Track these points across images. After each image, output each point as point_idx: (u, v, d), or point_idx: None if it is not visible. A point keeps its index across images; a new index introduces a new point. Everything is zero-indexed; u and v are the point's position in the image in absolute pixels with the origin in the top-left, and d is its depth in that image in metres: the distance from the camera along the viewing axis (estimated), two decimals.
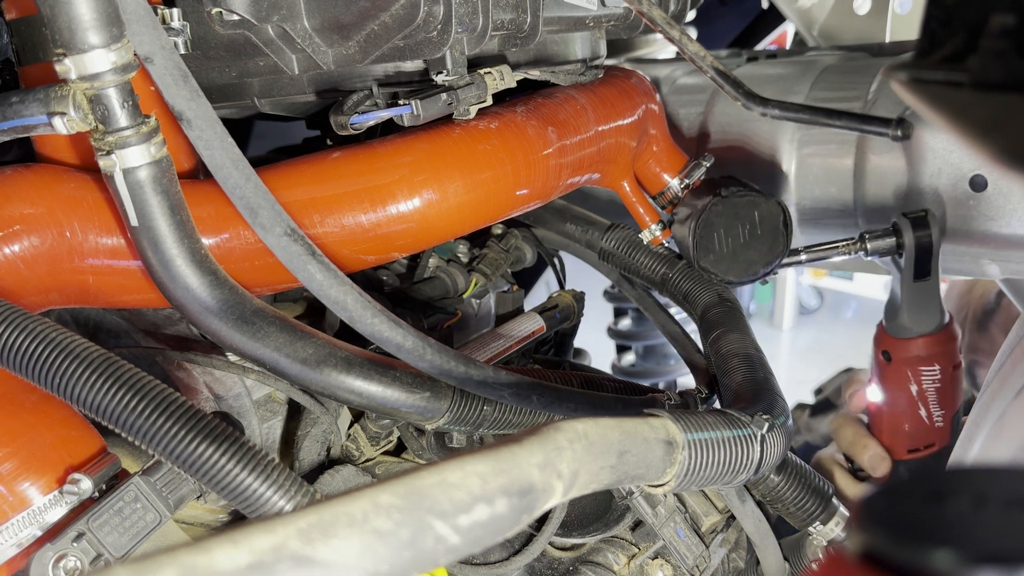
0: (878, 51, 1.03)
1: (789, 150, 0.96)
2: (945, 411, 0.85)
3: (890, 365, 0.85)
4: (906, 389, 0.85)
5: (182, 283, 0.55)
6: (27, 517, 0.52)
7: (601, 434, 0.41)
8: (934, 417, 0.85)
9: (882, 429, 0.89)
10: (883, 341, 0.85)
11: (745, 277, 0.79)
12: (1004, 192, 0.80)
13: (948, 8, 0.37)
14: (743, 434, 0.55)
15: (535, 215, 1.02)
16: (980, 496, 0.23)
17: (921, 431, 0.86)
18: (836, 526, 0.73)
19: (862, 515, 0.23)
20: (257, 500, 0.51)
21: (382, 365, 0.60)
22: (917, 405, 0.85)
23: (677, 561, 0.72)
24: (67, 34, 0.48)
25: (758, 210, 0.77)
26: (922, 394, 0.84)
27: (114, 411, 0.51)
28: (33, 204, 0.58)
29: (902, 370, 0.84)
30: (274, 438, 0.77)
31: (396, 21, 0.59)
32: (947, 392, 0.84)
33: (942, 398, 0.84)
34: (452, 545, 0.31)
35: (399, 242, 0.65)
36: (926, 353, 0.83)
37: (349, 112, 0.63)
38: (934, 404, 0.85)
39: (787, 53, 1.15)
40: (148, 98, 0.56)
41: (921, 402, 0.84)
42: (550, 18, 0.69)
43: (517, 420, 0.67)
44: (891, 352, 0.84)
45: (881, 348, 0.85)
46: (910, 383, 0.84)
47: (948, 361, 0.84)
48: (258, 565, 0.26)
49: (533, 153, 0.67)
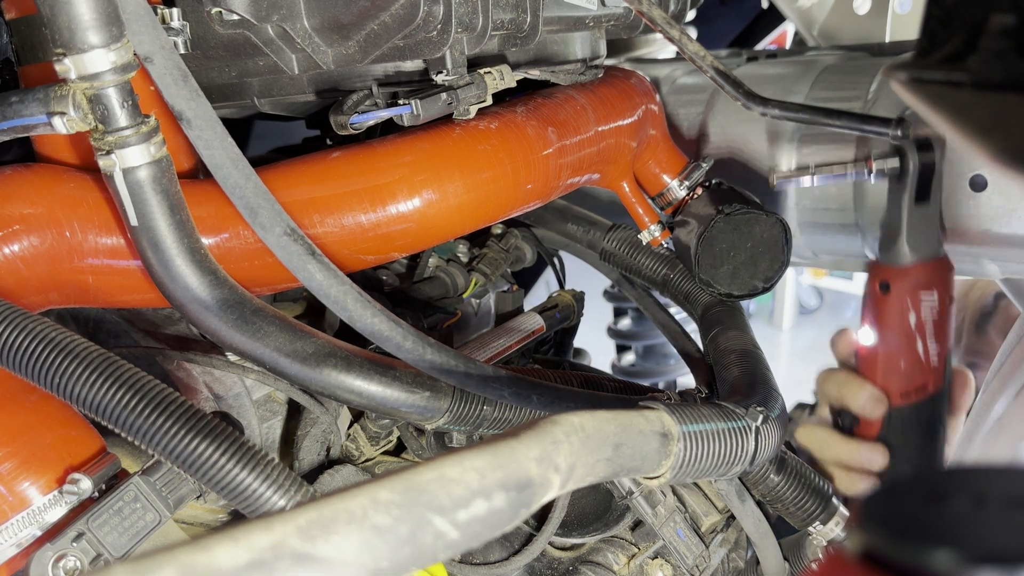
0: (878, 51, 1.03)
1: (789, 150, 0.96)
2: (940, 348, 0.83)
3: (888, 296, 0.82)
4: (904, 321, 0.82)
5: (182, 283, 0.55)
6: (27, 517, 0.52)
7: (597, 427, 0.41)
8: (931, 353, 0.83)
9: (875, 371, 0.85)
10: (880, 272, 0.83)
11: (745, 292, 0.80)
12: (1004, 192, 0.80)
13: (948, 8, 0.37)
14: (738, 426, 0.55)
15: (536, 215, 1.02)
16: (980, 496, 0.23)
17: (917, 369, 0.83)
18: (836, 526, 0.73)
19: (862, 515, 0.23)
20: (257, 500, 0.51)
21: (382, 365, 0.60)
22: (915, 339, 0.82)
23: (677, 561, 0.72)
24: (67, 34, 0.48)
25: (759, 227, 0.78)
26: (920, 326, 0.82)
27: (114, 411, 0.51)
28: (33, 204, 0.58)
29: (902, 299, 0.81)
30: (274, 438, 0.77)
31: (396, 21, 0.59)
32: (943, 325, 0.82)
33: (939, 331, 0.82)
34: (451, 540, 0.31)
35: (399, 242, 0.65)
36: (926, 279, 0.81)
37: (349, 112, 0.63)
38: (931, 338, 0.82)
39: (787, 53, 1.15)
40: (148, 98, 0.56)
41: (919, 335, 0.82)
42: (550, 18, 0.69)
43: (517, 420, 0.67)
44: (890, 281, 0.82)
45: (878, 280, 0.83)
46: (909, 312, 0.81)
47: (945, 290, 0.82)
48: (258, 563, 0.26)
49: (533, 153, 0.67)
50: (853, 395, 0.86)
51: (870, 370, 0.86)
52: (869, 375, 0.86)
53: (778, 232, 0.78)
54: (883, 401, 0.85)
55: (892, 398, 0.85)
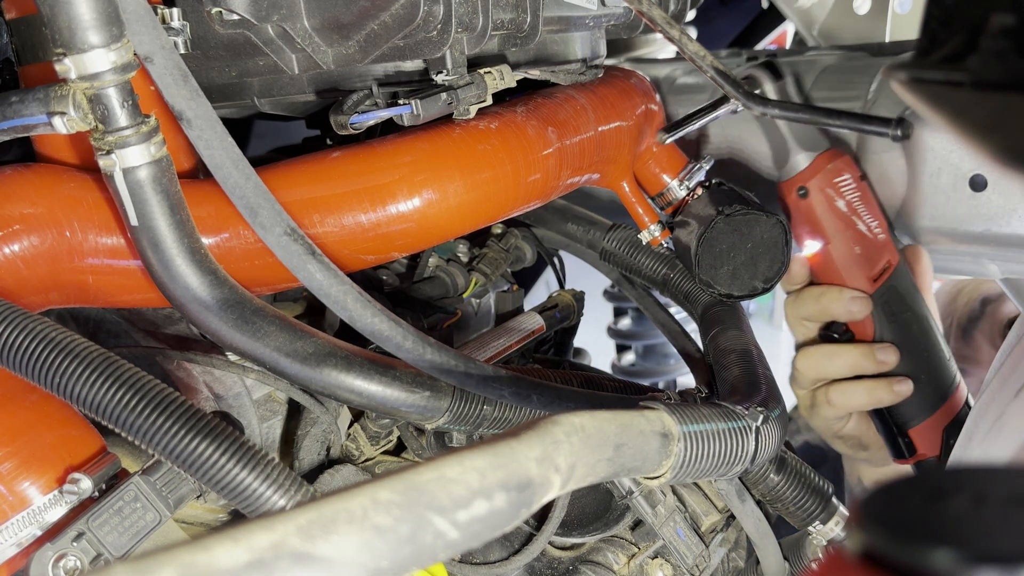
0: (878, 51, 1.03)
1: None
2: (878, 221, 0.84)
3: (808, 199, 0.84)
4: (835, 209, 0.84)
5: (182, 282, 0.55)
6: (27, 517, 0.52)
7: (597, 427, 0.41)
8: (873, 229, 0.84)
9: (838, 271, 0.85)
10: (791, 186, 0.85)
11: (745, 292, 0.80)
12: (1004, 192, 0.80)
13: (948, 8, 0.37)
14: (738, 426, 0.55)
15: (536, 215, 1.02)
16: (980, 495, 0.23)
17: (871, 248, 0.85)
18: (836, 525, 0.73)
19: (862, 514, 0.23)
20: (257, 499, 0.51)
21: (382, 365, 0.60)
22: (853, 220, 0.84)
23: (677, 561, 0.72)
24: (67, 34, 0.48)
25: (760, 227, 0.78)
26: (850, 206, 0.84)
27: (114, 410, 0.51)
28: (33, 204, 0.58)
29: (823, 192, 0.83)
30: (274, 438, 0.77)
31: (396, 21, 0.59)
32: (868, 199, 0.84)
33: (868, 205, 0.84)
34: (451, 540, 0.31)
35: (399, 242, 0.65)
36: (830, 165, 0.83)
37: (349, 112, 0.63)
38: (865, 214, 0.84)
39: (787, 53, 1.15)
40: (148, 98, 0.56)
41: (854, 214, 0.84)
42: (550, 18, 0.69)
43: (517, 420, 0.67)
44: (803, 184, 0.84)
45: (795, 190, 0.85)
46: (836, 200, 0.83)
47: (852, 170, 0.84)
48: (258, 562, 0.26)
49: (533, 153, 0.67)
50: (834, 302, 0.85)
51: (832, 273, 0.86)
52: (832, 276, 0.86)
53: (778, 233, 0.79)
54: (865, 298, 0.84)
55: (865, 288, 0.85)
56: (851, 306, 0.84)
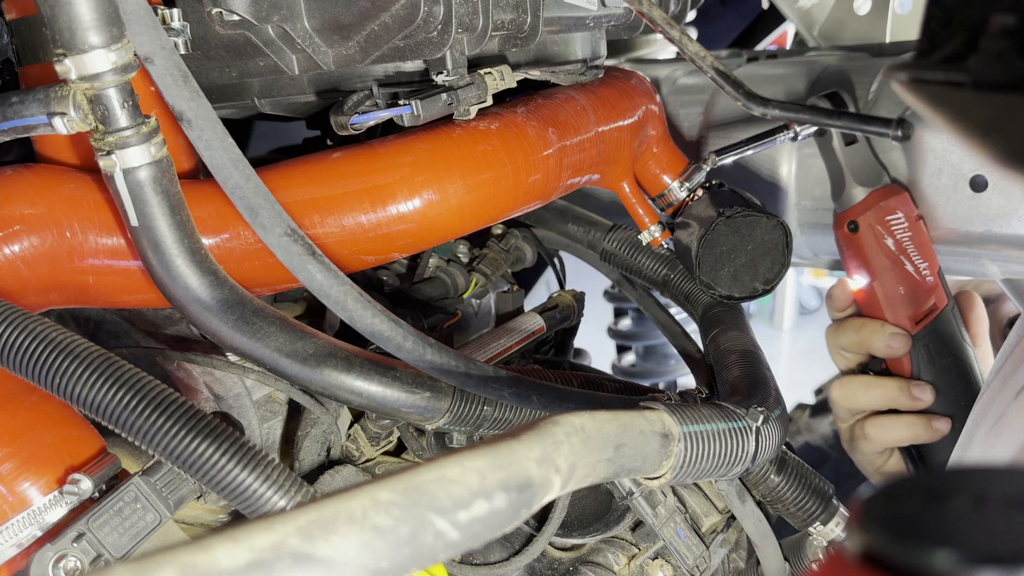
0: (878, 51, 1.03)
1: (789, 150, 0.96)
2: (928, 263, 0.84)
3: (859, 233, 0.84)
4: (885, 248, 0.84)
5: (182, 283, 0.55)
6: (27, 517, 0.52)
7: (598, 427, 0.41)
8: (921, 270, 0.84)
9: (881, 309, 0.86)
10: (843, 219, 0.86)
11: (745, 294, 0.80)
12: (1004, 192, 0.80)
13: (948, 8, 0.37)
14: (739, 426, 0.55)
15: (536, 215, 1.02)
16: (980, 496, 0.23)
17: (917, 289, 0.84)
18: (836, 526, 0.73)
19: (862, 515, 0.23)
20: (257, 500, 0.51)
21: (382, 365, 0.60)
22: (901, 260, 0.84)
23: (677, 561, 0.72)
24: (67, 34, 0.48)
25: (760, 229, 0.78)
26: (899, 245, 0.84)
27: (114, 411, 0.51)
28: (33, 204, 0.58)
29: (874, 229, 0.84)
30: (274, 438, 0.77)
31: (396, 21, 0.59)
32: (921, 240, 0.84)
33: (919, 247, 0.84)
34: (451, 541, 0.31)
35: (399, 242, 0.65)
36: (885, 203, 0.83)
37: (349, 112, 0.63)
38: (915, 255, 0.84)
39: (787, 53, 1.15)
40: (148, 98, 0.56)
41: (902, 255, 0.84)
42: (550, 18, 0.69)
43: (517, 420, 0.67)
44: (854, 219, 0.85)
45: (844, 224, 0.85)
46: (885, 239, 0.83)
47: (908, 209, 0.84)
48: (258, 563, 0.26)
49: (534, 154, 0.67)
50: (873, 337, 0.84)
51: (875, 309, 0.86)
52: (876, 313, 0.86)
53: (779, 235, 0.79)
54: (904, 336, 0.84)
55: (907, 326, 0.85)
56: (891, 342, 0.84)
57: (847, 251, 0.87)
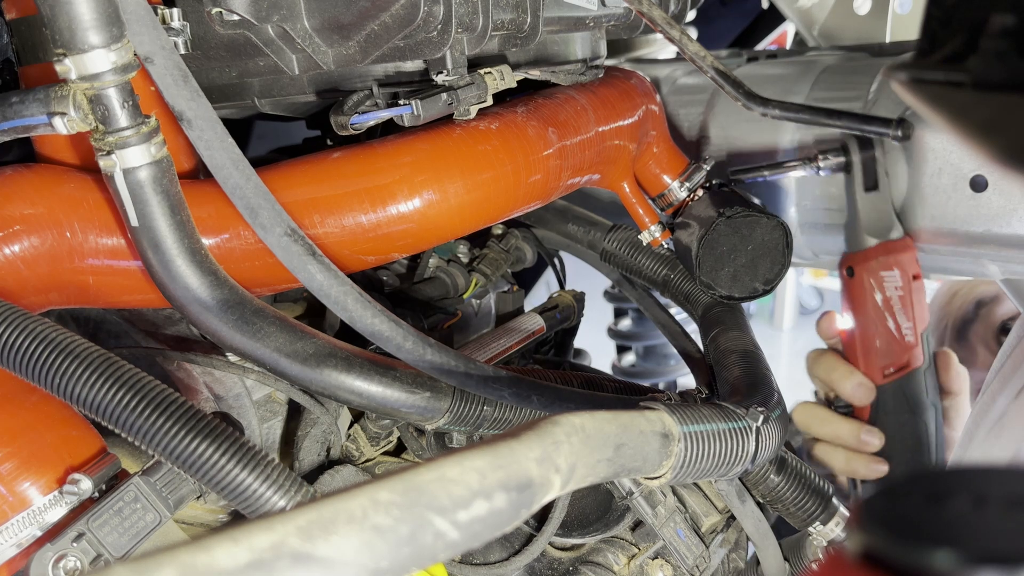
0: (878, 51, 1.03)
1: (789, 150, 0.96)
2: (912, 324, 0.87)
3: (854, 279, 0.87)
4: (872, 300, 0.86)
5: (182, 283, 0.55)
6: (27, 517, 0.52)
7: (598, 427, 0.41)
8: (903, 329, 0.87)
9: (857, 353, 0.90)
10: (845, 260, 0.89)
11: (745, 294, 0.81)
12: (1004, 192, 0.80)
13: (948, 8, 0.37)
14: (739, 426, 0.55)
15: (537, 215, 1.02)
16: (980, 496, 0.23)
17: (893, 346, 0.88)
18: (836, 526, 0.73)
19: (862, 515, 0.23)
20: (257, 500, 0.51)
21: (382, 365, 0.60)
22: (884, 316, 0.87)
23: (677, 561, 0.72)
24: (67, 34, 0.48)
25: (760, 229, 0.78)
26: (887, 303, 0.86)
27: (114, 411, 0.51)
28: (33, 204, 0.58)
29: (865, 280, 0.86)
30: (274, 438, 0.77)
31: (396, 21, 0.59)
32: (910, 302, 0.86)
33: (906, 307, 0.86)
34: (451, 540, 0.31)
35: (399, 242, 0.65)
36: (884, 258, 0.86)
37: (349, 112, 0.63)
38: (900, 315, 0.87)
39: (787, 53, 1.15)
40: (148, 98, 0.56)
41: (888, 312, 0.86)
42: (550, 18, 0.69)
43: (517, 420, 0.67)
44: (853, 265, 0.87)
45: (845, 266, 0.88)
46: (875, 292, 0.86)
47: (907, 268, 0.86)
48: (258, 563, 0.26)
49: (534, 154, 0.67)
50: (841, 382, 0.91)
51: (852, 353, 0.91)
52: (852, 358, 0.91)
53: (779, 235, 0.79)
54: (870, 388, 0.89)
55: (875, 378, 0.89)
56: (856, 391, 0.90)
57: (844, 291, 0.91)
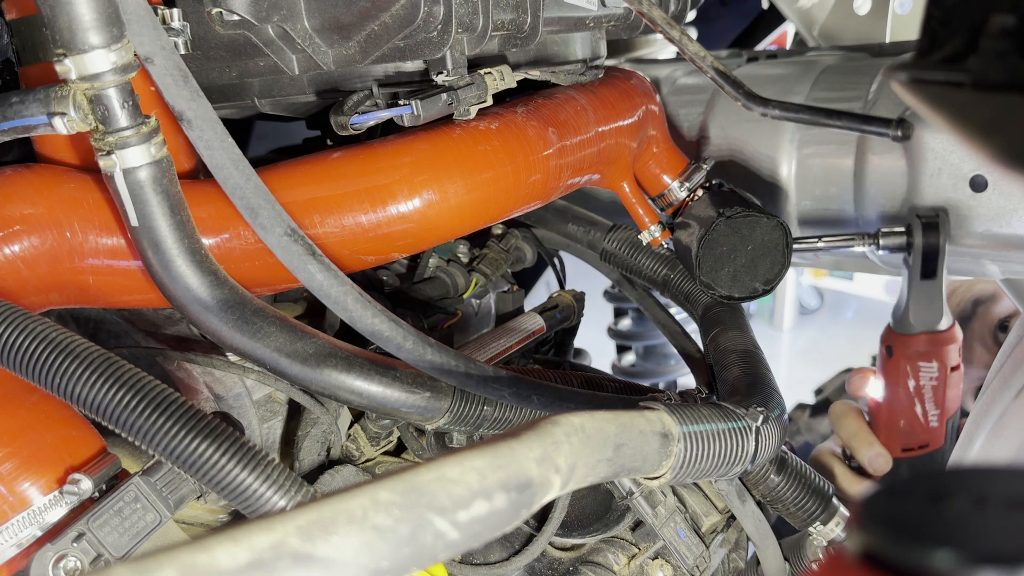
0: (878, 51, 1.03)
1: (789, 150, 0.96)
2: (940, 411, 0.88)
3: (891, 360, 0.87)
4: (904, 384, 0.87)
5: (182, 283, 0.55)
6: (27, 517, 0.52)
7: (598, 427, 0.41)
8: (929, 416, 0.88)
9: (880, 425, 0.91)
10: (888, 336, 0.88)
11: (745, 294, 0.81)
12: (1004, 192, 0.80)
13: (948, 8, 0.37)
14: (738, 426, 0.55)
15: (537, 215, 1.02)
16: (980, 496, 0.23)
17: (916, 429, 0.88)
18: (836, 526, 0.73)
19: (862, 515, 0.23)
20: (257, 500, 0.51)
21: (382, 365, 0.60)
22: (914, 401, 0.87)
23: (677, 561, 0.72)
24: (67, 34, 0.48)
25: (760, 229, 0.78)
26: (919, 390, 0.87)
27: (114, 411, 0.51)
28: (33, 204, 0.58)
29: (902, 364, 0.86)
30: (274, 438, 0.77)
31: (396, 21, 0.59)
32: (943, 392, 0.87)
33: (937, 397, 0.87)
34: (451, 541, 0.31)
35: (399, 242, 0.65)
36: (925, 349, 0.85)
37: (349, 112, 0.63)
38: (930, 402, 0.87)
39: (787, 53, 1.15)
40: (148, 98, 0.56)
41: (917, 398, 0.87)
42: (550, 18, 0.69)
43: (517, 420, 0.67)
44: (893, 347, 0.87)
45: (885, 343, 0.88)
46: (908, 378, 0.86)
47: (946, 361, 0.86)
48: (258, 563, 0.26)
49: (533, 154, 0.67)
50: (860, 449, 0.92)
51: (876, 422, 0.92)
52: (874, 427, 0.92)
53: (779, 235, 0.79)
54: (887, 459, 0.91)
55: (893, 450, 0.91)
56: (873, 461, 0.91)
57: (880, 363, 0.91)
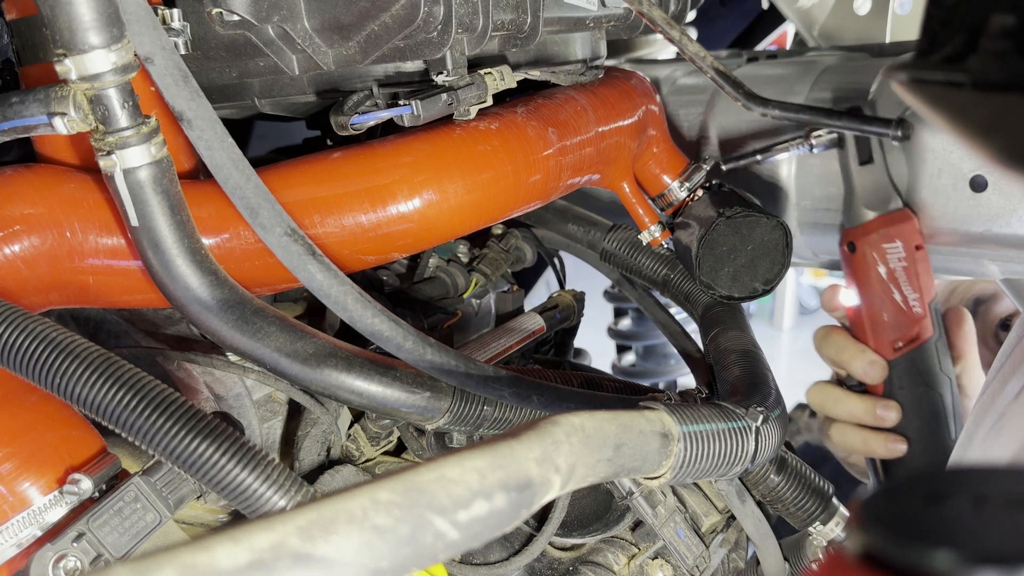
0: (878, 51, 1.03)
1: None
2: (919, 295, 0.86)
3: (856, 255, 0.86)
4: (876, 273, 0.85)
5: (182, 283, 0.55)
6: (27, 517, 0.52)
7: (597, 427, 0.41)
8: (910, 301, 0.86)
9: (865, 330, 0.89)
10: (845, 237, 0.87)
11: (745, 294, 0.81)
12: (1004, 192, 0.80)
13: (948, 8, 0.37)
14: (738, 426, 0.55)
15: (536, 215, 1.02)
16: (980, 496, 0.23)
17: (901, 319, 0.87)
18: (836, 526, 0.73)
19: (862, 515, 0.23)
20: (257, 500, 0.51)
21: (382, 365, 0.60)
22: (890, 288, 0.86)
23: (677, 561, 0.72)
24: (67, 34, 0.48)
25: (760, 229, 0.78)
26: (891, 274, 0.85)
27: (114, 411, 0.51)
28: (33, 204, 0.58)
29: (867, 254, 0.85)
30: (274, 438, 0.77)
31: (396, 21, 0.59)
32: (915, 272, 0.85)
33: (911, 278, 0.85)
34: (451, 541, 0.31)
35: (399, 242, 0.65)
36: (885, 230, 0.85)
37: (349, 112, 0.63)
38: (906, 286, 0.86)
39: (787, 53, 1.14)
40: (148, 98, 0.56)
41: (892, 284, 0.85)
42: (550, 18, 0.69)
43: (517, 420, 0.67)
44: (853, 240, 0.86)
45: (845, 242, 0.87)
46: (878, 264, 0.85)
47: (908, 238, 0.85)
48: (258, 563, 0.26)
49: (533, 154, 0.67)
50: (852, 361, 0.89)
51: (860, 330, 0.90)
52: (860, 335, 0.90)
53: (779, 235, 0.79)
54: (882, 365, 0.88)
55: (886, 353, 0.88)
56: (868, 370, 0.88)
57: (845, 268, 0.90)
